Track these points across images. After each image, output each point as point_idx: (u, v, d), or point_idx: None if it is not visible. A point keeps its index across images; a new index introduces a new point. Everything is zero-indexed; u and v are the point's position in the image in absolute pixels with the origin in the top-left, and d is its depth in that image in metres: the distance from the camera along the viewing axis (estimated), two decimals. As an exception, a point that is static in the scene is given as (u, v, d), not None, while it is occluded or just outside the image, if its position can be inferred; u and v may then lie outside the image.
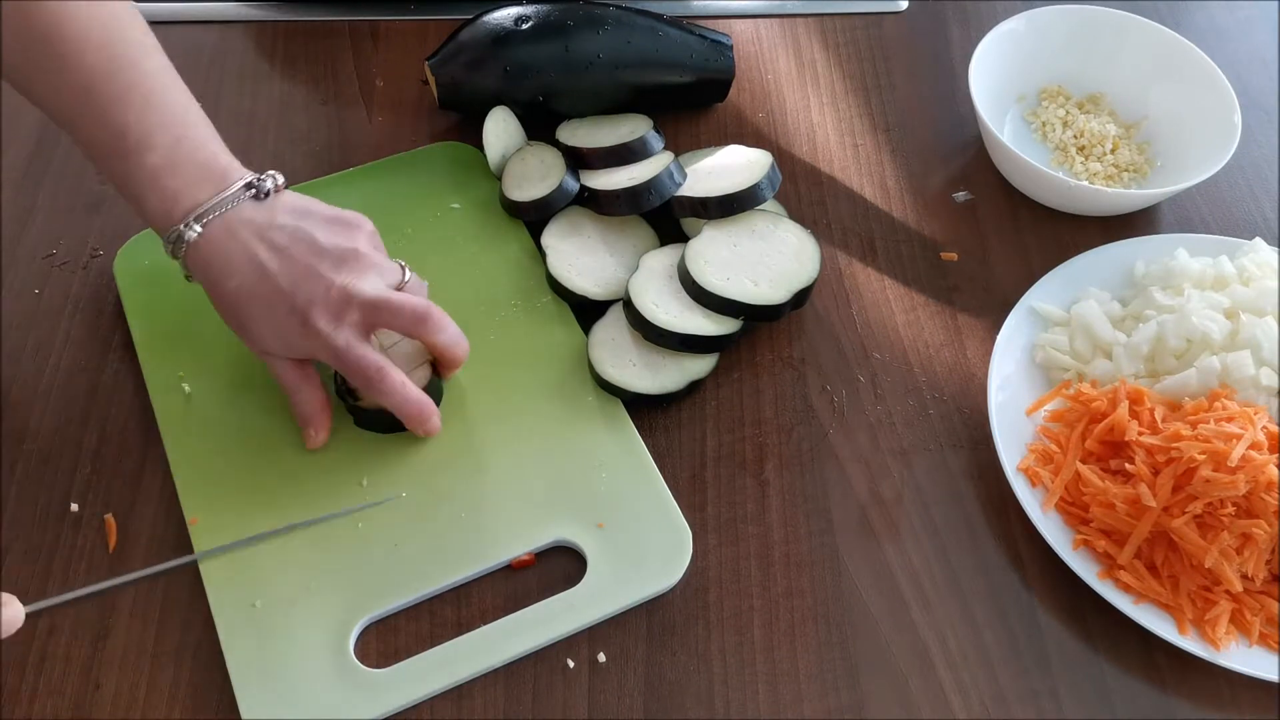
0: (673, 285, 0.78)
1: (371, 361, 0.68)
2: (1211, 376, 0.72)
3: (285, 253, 0.67)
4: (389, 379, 0.68)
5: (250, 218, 0.68)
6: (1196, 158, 0.86)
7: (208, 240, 0.67)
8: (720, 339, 0.75)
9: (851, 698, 0.65)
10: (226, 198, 0.67)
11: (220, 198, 0.67)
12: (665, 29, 0.89)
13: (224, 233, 0.67)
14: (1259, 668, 0.65)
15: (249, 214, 0.68)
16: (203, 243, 0.67)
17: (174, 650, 0.65)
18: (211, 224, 0.67)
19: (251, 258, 0.67)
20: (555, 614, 0.66)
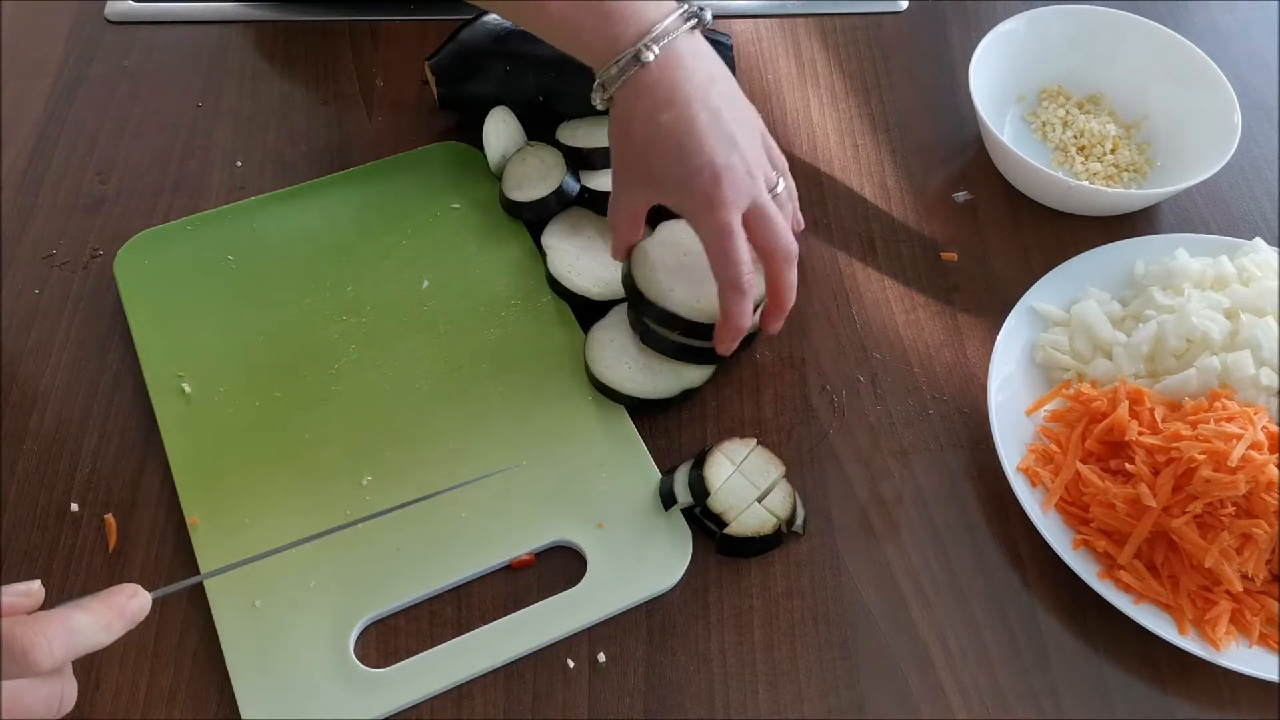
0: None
1: (747, 262, 0.67)
2: (1211, 376, 0.72)
3: (718, 113, 0.67)
4: (748, 293, 0.68)
5: (694, 52, 0.68)
6: (1196, 158, 0.86)
7: (659, 66, 0.66)
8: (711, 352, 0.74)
9: (851, 698, 0.65)
10: (672, 22, 0.67)
11: (669, 21, 0.67)
12: (665, 29, 0.88)
13: (674, 62, 0.67)
14: (1259, 668, 0.65)
15: (691, 47, 0.68)
16: (654, 68, 0.66)
17: (174, 650, 0.65)
18: (664, 48, 0.67)
19: (690, 100, 0.67)
20: (555, 614, 0.66)
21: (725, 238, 0.67)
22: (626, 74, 0.67)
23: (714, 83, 0.68)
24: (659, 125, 0.67)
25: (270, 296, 0.79)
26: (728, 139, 0.67)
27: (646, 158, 0.69)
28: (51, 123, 0.91)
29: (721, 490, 0.69)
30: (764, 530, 0.68)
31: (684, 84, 0.67)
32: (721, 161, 0.67)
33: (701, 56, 0.69)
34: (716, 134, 0.67)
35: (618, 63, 0.67)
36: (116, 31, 0.98)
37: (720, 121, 0.67)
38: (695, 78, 0.68)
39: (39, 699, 0.51)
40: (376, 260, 0.82)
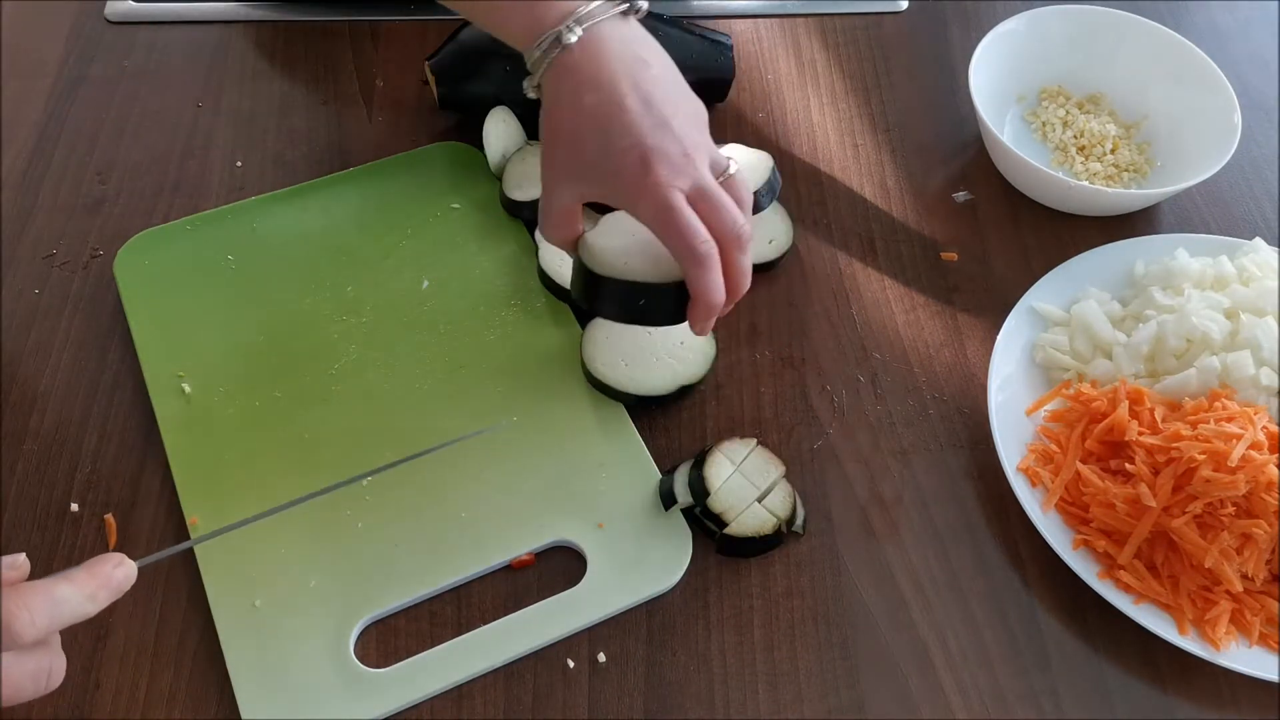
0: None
1: (702, 230, 0.64)
2: (1211, 376, 0.72)
3: (649, 96, 0.65)
4: (711, 264, 0.64)
5: (623, 37, 0.66)
6: (1196, 158, 0.86)
7: (582, 47, 0.65)
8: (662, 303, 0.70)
9: (851, 698, 0.65)
10: (599, 6, 0.66)
11: (595, 4, 0.66)
12: (665, 29, 0.88)
13: (597, 44, 0.65)
14: (1259, 668, 0.65)
15: (621, 31, 0.66)
16: (577, 49, 0.65)
17: (174, 650, 0.65)
18: (589, 30, 0.65)
19: (616, 82, 0.65)
20: (555, 614, 0.66)
21: (667, 213, 0.64)
22: (549, 56, 0.66)
23: (646, 66, 0.66)
24: (583, 109, 0.65)
25: (270, 296, 0.79)
26: (659, 121, 0.65)
27: (573, 146, 0.67)
28: (51, 123, 0.91)
29: (721, 490, 0.69)
30: (764, 530, 0.68)
31: (609, 65, 0.65)
32: (652, 143, 0.64)
33: (633, 41, 0.67)
34: (646, 116, 0.65)
35: (540, 45, 0.66)
36: (116, 31, 0.98)
37: (652, 104, 0.65)
38: (623, 60, 0.66)
39: (25, 673, 0.50)
40: (376, 260, 0.82)
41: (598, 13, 0.66)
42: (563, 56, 0.66)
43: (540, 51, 0.66)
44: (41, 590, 0.50)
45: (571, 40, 0.65)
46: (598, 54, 0.65)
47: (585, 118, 0.65)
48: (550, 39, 0.65)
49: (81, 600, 0.51)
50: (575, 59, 0.65)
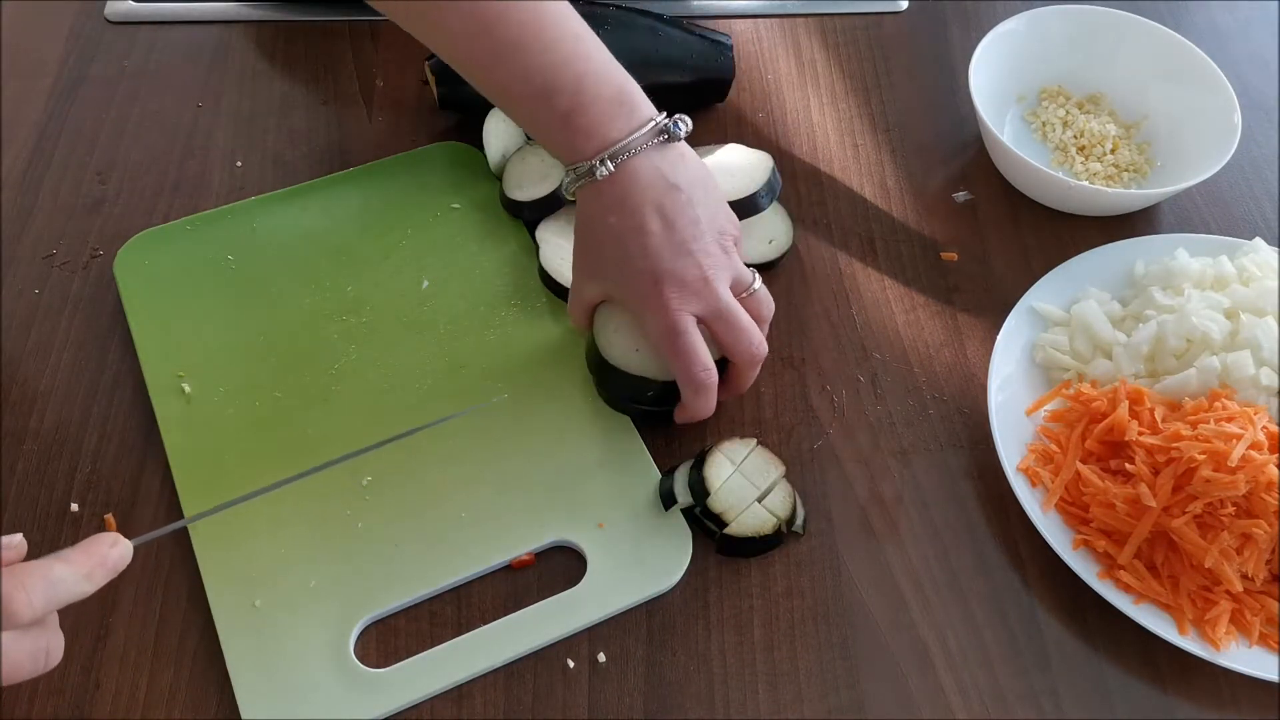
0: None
1: (703, 358, 0.68)
2: (1211, 376, 0.72)
3: (673, 221, 0.68)
4: (710, 389, 0.69)
5: (656, 165, 0.68)
6: (1196, 158, 0.86)
7: (615, 178, 0.68)
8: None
9: (851, 698, 0.65)
10: (637, 139, 0.68)
11: (632, 138, 0.68)
12: (665, 29, 0.89)
13: (628, 174, 0.68)
14: (1259, 668, 0.65)
15: (655, 161, 0.68)
16: (609, 180, 0.68)
17: (174, 650, 0.65)
18: (623, 164, 0.68)
19: (641, 208, 0.68)
20: (555, 614, 0.66)
21: (672, 338, 0.67)
22: (581, 182, 0.69)
23: (675, 191, 0.68)
24: (608, 227, 0.69)
25: (270, 296, 0.79)
26: (678, 245, 0.67)
27: (597, 255, 0.71)
28: (51, 123, 0.91)
29: (721, 490, 0.69)
30: (764, 530, 0.68)
31: (637, 192, 0.68)
32: (666, 267, 0.67)
33: (665, 166, 0.69)
34: (667, 241, 0.67)
35: (575, 169, 0.69)
36: (116, 31, 0.98)
37: (674, 229, 0.68)
38: (652, 188, 0.68)
39: (24, 652, 0.51)
40: (376, 260, 0.82)
41: (633, 146, 0.68)
42: (592, 183, 0.68)
43: (574, 175, 0.69)
44: (38, 570, 0.51)
45: (603, 173, 0.68)
46: (628, 183, 0.68)
47: (609, 235, 0.69)
48: (585, 170, 0.68)
49: (78, 579, 0.52)
50: (605, 186, 0.68)
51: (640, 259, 0.68)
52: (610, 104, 0.68)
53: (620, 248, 0.68)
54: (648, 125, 0.68)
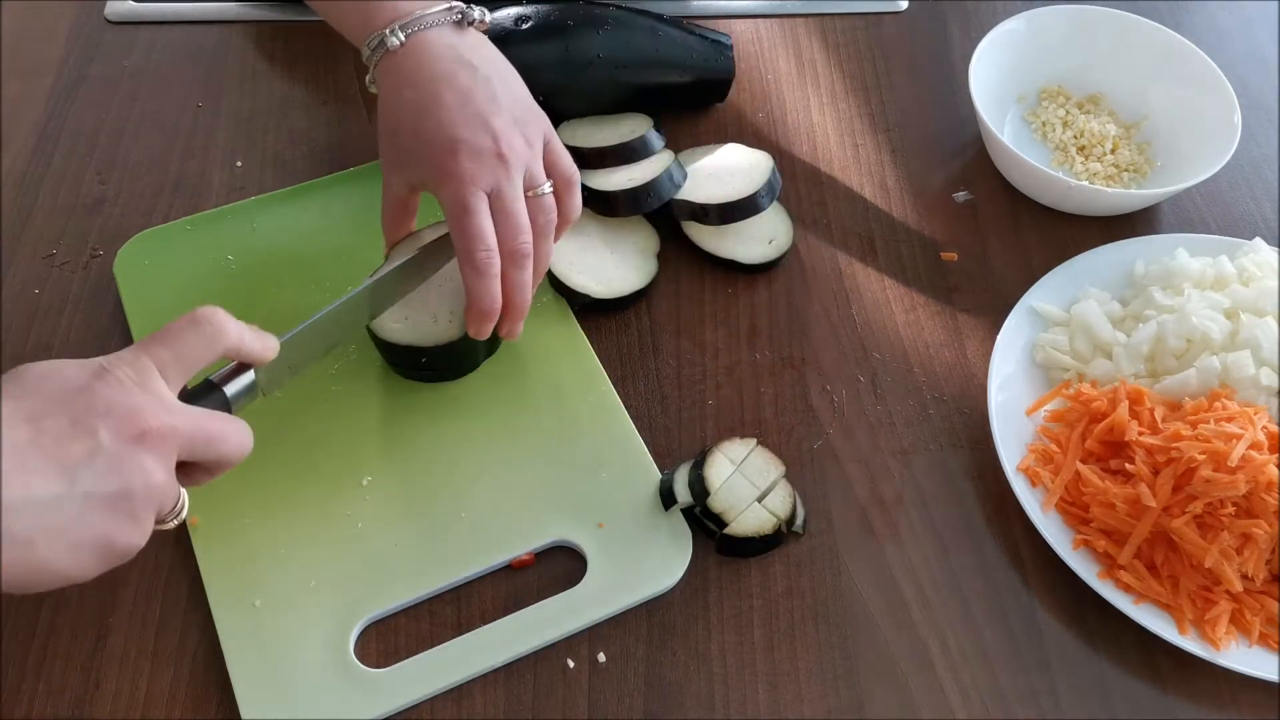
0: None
1: (488, 239, 0.66)
2: (1211, 376, 0.72)
3: (469, 93, 0.68)
4: (490, 275, 0.66)
5: (450, 41, 0.69)
6: (1196, 158, 0.86)
7: (406, 50, 0.68)
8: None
9: (851, 698, 0.65)
10: (431, 15, 0.69)
11: (425, 13, 0.69)
12: (665, 29, 0.89)
13: (421, 48, 0.68)
14: (1259, 668, 0.65)
15: (449, 38, 0.69)
16: (401, 51, 0.68)
17: (174, 650, 0.65)
18: (413, 36, 0.68)
19: (435, 80, 0.68)
20: (555, 614, 0.66)
21: (460, 213, 0.66)
22: (376, 55, 0.69)
23: (472, 69, 0.68)
24: (403, 102, 0.68)
25: (270, 296, 0.79)
26: (475, 117, 0.67)
27: (394, 136, 0.70)
28: (51, 123, 0.91)
29: (721, 490, 0.69)
30: (764, 530, 0.68)
31: (430, 65, 0.68)
32: (462, 135, 0.66)
33: (463, 48, 0.69)
34: (462, 111, 0.67)
35: (369, 43, 0.69)
36: (116, 31, 0.98)
37: (470, 100, 0.67)
38: (446, 61, 0.68)
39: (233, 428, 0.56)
40: (376, 260, 0.82)
41: (425, 21, 0.68)
42: (388, 56, 0.69)
43: (370, 50, 0.69)
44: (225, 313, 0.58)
45: (394, 43, 0.68)
46: (420, 55, 0.68)
47: (405, 110, 0.68)
48: (377, 40, 0.68)
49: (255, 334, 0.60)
50: (399, 59, 0.69)
51: (435, 128, 0.67)
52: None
53: (416, 122, 0.68)
54: (443, 4, 0.69)
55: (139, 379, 0.53)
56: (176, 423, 0.53)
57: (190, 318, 0.56)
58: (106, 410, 0.51)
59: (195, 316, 0.57)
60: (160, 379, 0.54)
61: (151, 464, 0.51)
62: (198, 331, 0.56)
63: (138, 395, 0.52)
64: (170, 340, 0.56)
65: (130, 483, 0.50)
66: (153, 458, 0.51)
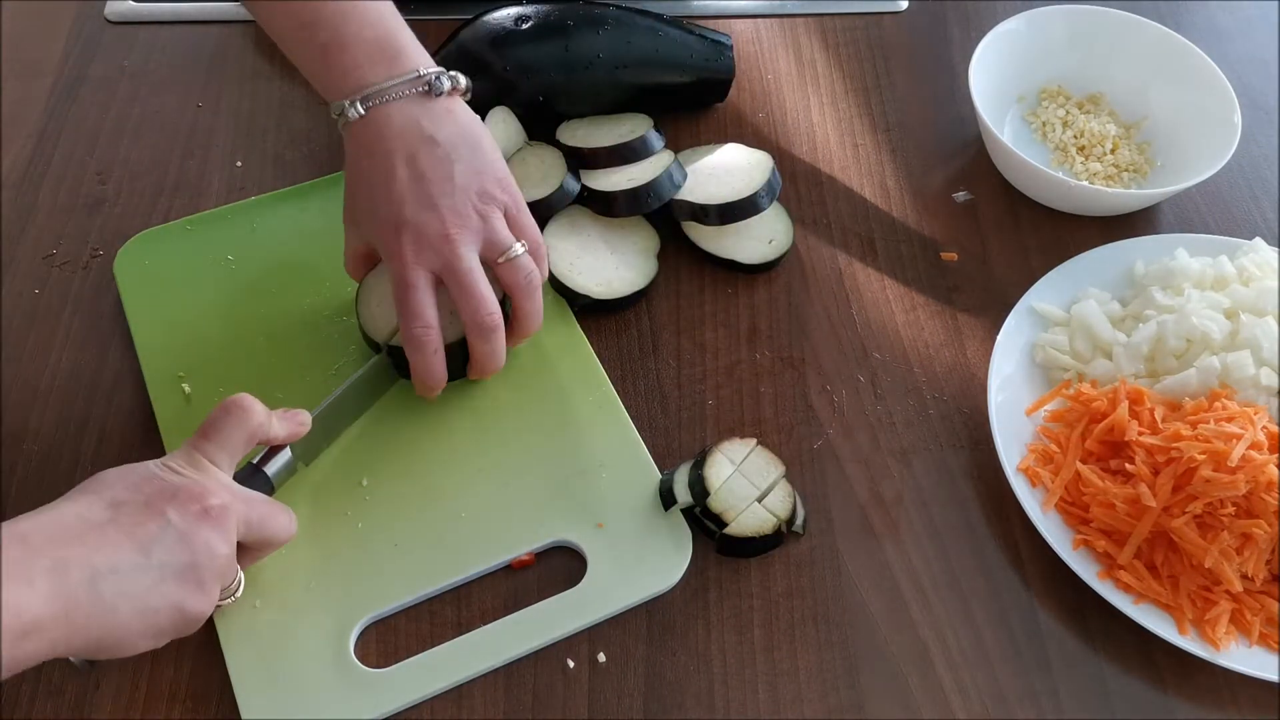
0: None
1: (424, 316, 0.68)
2: (1211, 376, 0.72)
3: (423, 173, 0.68)
4: (425, 347, 0.68)
5: (414, 115, 0.69)
6: (1196, 158, 0.86)
7: (367, 122, 0.69)
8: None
9: (851, 697, 0.65)
10: (395, 85, 0.68)
11: (389, 84, 0.68)
12: (665, 29, 0.89)
13: (381, 119, 0.68)
14: (1259, 668, 0.65)
15: (414, 111, 0.69)
16: (361, 123, 0.69)
17: (174, 650, 0.65)
18: (375, 109, 0.68)
19: (389, 155, 0.68)
20: (555, 614, 0.66)
21: (402, 289, 0.68)
22: (340, 121, 0.70)
23: (431, 144, 0.68)
24: (360, 171, 0.69)
25: (270, 297, 0.79)
26: (425, 198, 0.67)
27: (353, 199, 0.71)
28: (51, 123, 0.91)
29: (721, 490, 0.69)
30: (764, 530, 0.68)
31: (389, 139, 0.68)
32: (408, 215, 0.67)
33: (425, 119, 0.69)
34: (413, 190, 0.67)
35: (334, 109, 0.70)
36: (116, 31, 0.98)
37: (423, 180, 0.68)
38: (405, 137, 0.68)
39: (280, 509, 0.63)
40: (376, 260, 0.82)
41: (388, 94, 0.68)
42: (348, 126, 0.70)
43: (336, 115, 0.70)
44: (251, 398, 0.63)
45: (354, 115, 0.69)
46: (381, 128, 0.69)
47: (361, 179, 0.70)
48: (338, 109, 0.69)
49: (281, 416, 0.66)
50: (360, 128, 0.69)
51: (385, 206, 0.68)
52: (371, 46, 0.69)
53: (369, 193, 0.69)
54: (410, 74, 0.69)
55: (193, 468, 0.60)
56: (234, 502, 0.59)
57: (222, 408, 0.62)
58: (173, 494, 0.57)
59: (226, 405, 0.62)
60: (211, 464, 0.61)
61: (215, 539, 0.58)
62: (231, 418, 0.62)
63: (199, 480, 0.59)
64: (211, 431, 0.62)
65: (197, 555, 0.57)
66: (216, 533, 0.58)
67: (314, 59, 0.70)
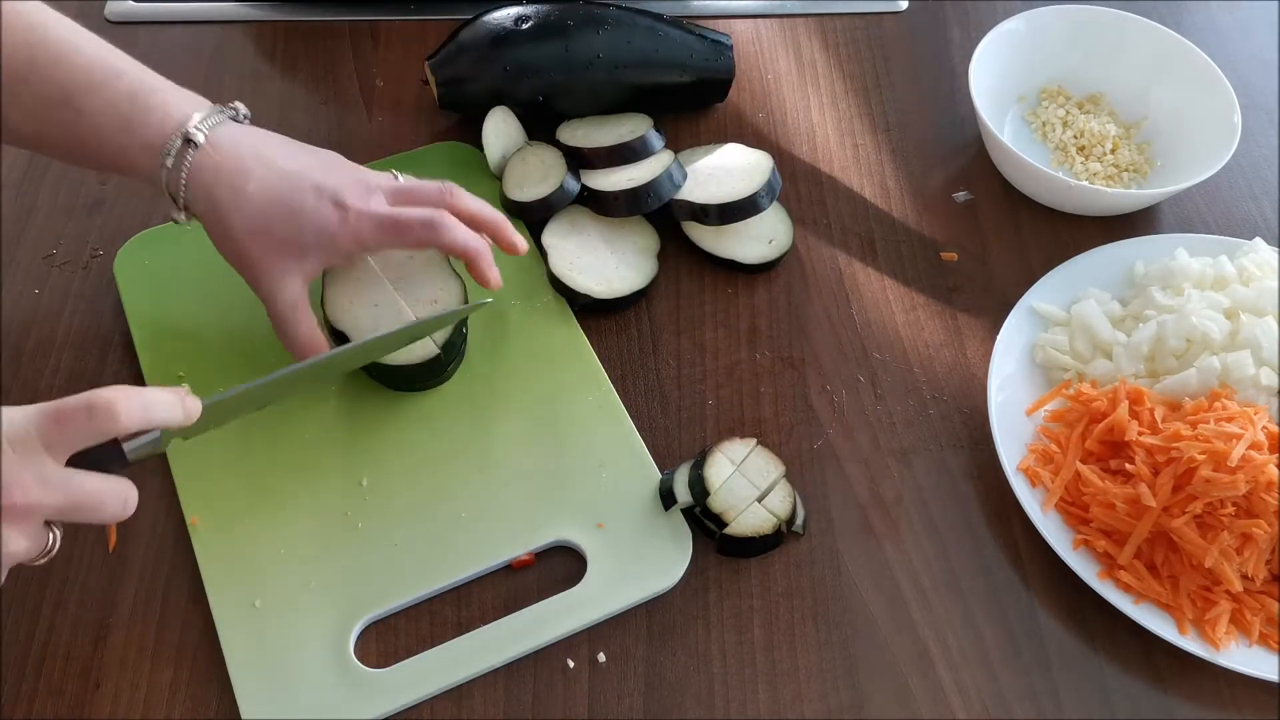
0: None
1: (420, 213, 0.67)
2: (1211, 376, 0.72)
3: (298, 155, 0.68)
4: (446, 219, 0.67)
5: (249, 129, 0.68)
6: (1196, 158, 0.86)
7: (215, 147, 0.65)
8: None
9: (851, 698, 0.65)
10: (213, 112, 0.67)
11: (209, 112, 0.67)
12: (665, 29, 0.89)
13: (229, 139, 0.66)
14: (1259, 668, 0.65)
15: (243, 129, 0.68)
16: (210, 149, 0.65)
17: (174, 650, 0.65)
18: (215, 130, 0.66)
19: (267, 157, 0.67)
20: (555, 614, 0.66)
21: (388, 221, 0.67)
22: (183, 167, 0.65)
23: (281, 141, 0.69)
24: (251, 197, 0.66)
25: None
26: (324, 169, 0.68)
27: (264, 236, 0.66)
28: (51, 123, 0.90)
29: (721, 490, 0.69)
30: (764, 530, 0.68)
31: (249, 151, 0.66)
32: (333, 184, 0.67)
33: (254, 130, 0.69)
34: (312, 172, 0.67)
35: (168, 155, 0.65)
36: (116, 31, 0.98)
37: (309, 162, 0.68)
38: (255, 143, 0.67)
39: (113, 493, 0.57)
40: (376, 260, 0.82)
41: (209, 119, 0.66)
42: (199, 168, 0.65)
43: (172, 162, 0.65)
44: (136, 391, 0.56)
45: (200, 140, 0.65)
46: (234, 146, 0.66)
47: (257, 203, 0.66)
48: (177, 145, 0.65)
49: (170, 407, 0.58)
50: (213, 161, 0.65)
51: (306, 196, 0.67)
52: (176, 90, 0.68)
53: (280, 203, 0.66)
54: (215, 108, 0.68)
55: (21, 449, 0.54)
56: (45, 498, 0.55)
57: (87, 403, 0.55)
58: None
59: (91, 403, 0.55)
60: (43, 451, 0.55)
61: (12, 535, 0.54)
62: (89, 419, 0.55)
63: (14, 468, 0.54)
64: (62, 421, 0.55)
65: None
66: (13, 529, 0.54)
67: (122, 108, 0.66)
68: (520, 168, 0.85)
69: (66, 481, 0.55)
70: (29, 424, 0.54)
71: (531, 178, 0.83)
